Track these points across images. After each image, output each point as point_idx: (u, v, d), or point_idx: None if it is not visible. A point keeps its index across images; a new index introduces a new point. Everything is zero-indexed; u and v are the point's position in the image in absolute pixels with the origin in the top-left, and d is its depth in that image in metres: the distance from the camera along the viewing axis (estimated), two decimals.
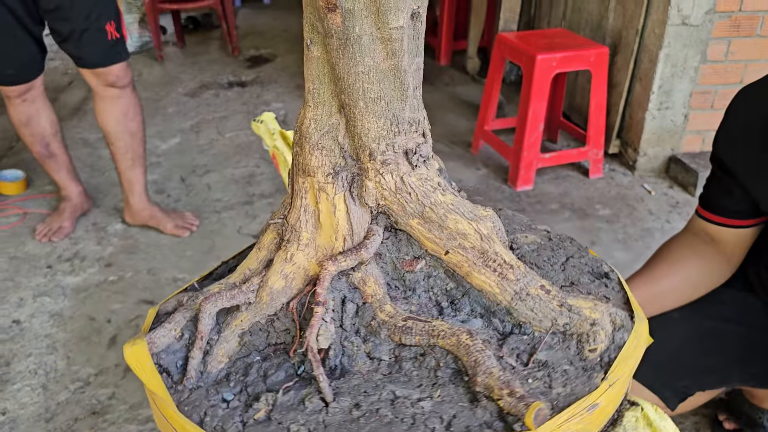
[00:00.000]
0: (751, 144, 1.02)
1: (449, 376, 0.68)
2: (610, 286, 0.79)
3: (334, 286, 0.73)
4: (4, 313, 1.80)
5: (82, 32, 1.83)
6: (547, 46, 2.29)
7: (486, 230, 0.73)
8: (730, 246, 1.12)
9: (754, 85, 1.06)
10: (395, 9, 0.64)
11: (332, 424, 0.63)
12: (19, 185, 2.43)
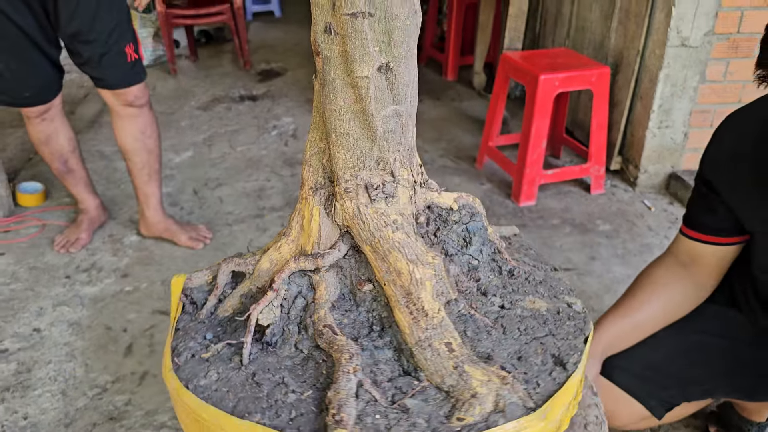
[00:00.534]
0: (738, 166, 1.08)
1: (326, 384, 0.77)
2: (555, 375, 0.78)
3: (293, 279, 0.86)
4: (25, 322, 1.88)
5: (102, 55, 1.91)
6: (550, 66, 2.36)
7: (420, 275, 0.79)
8: (710, 265, 1.18)
9: (741, 111, 1.13)
10: (360, 61, 0.74)
11: (232, 380, 0.78)
12: (38, 197, 2.51)
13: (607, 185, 2.61)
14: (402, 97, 0.79)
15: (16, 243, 2.26)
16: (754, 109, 1.11)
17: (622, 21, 2.53)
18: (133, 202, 2.48)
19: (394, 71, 0.76)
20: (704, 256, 1.17)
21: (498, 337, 0.82)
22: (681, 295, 1.19)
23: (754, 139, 1.07)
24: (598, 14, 2.71)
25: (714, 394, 1.28)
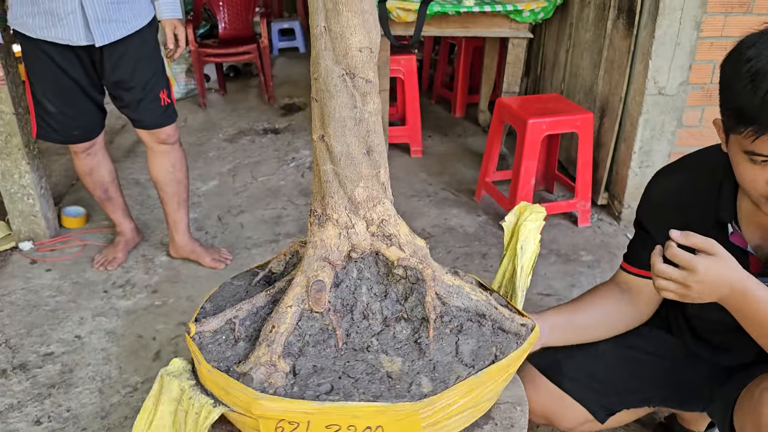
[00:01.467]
0: (666, 212, 1.30)
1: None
2: None
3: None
4: (69, 330, 2.16)
5: (140, 101, 2.21)
6: (539, 111, 2.62)
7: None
8: (647, 296, 1.37)
9: (668, 168, 1.36)
10: (311, 129, 1.11)
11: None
12: (81, 220, 2.82)
13: (594, 219, 2.84)
14: (336, 161, 1.06)
15: (60, 260, 2.56)
16: (678, 166, 1.35)
17: (608, 70, 2.78)
18: (163, 226, 2.77)
19: (327, 142, 1.04)
20: (641, 288, 1.37)
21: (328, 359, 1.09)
22: (619, 312, 1.39)
23: (677, 190, 1.30)
24: (588, 62, 2.96)
25: (650, 403, 1.49)
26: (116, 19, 2.08)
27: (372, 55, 1.05)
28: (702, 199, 1.23)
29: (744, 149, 1.01)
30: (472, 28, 2.99)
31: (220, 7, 4.58)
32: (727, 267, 1.06)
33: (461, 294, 1.15)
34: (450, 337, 1.11)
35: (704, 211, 1.23)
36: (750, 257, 1.20)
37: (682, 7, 2.41)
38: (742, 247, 1.19)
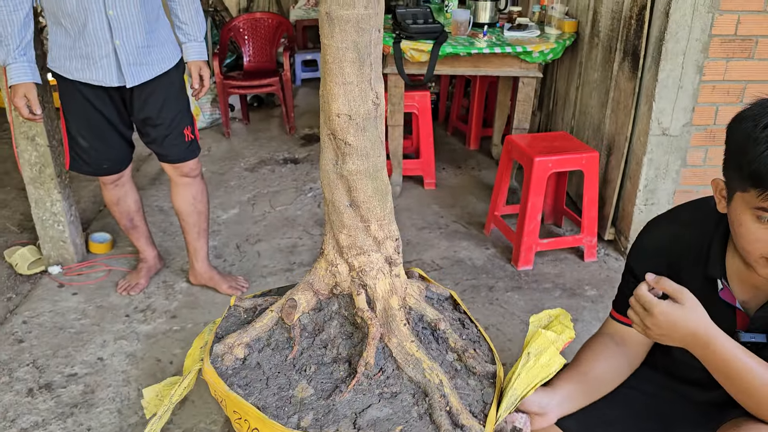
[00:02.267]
0: (659, 260, 1.34)
1: None
2: None
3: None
4: (92, 351, 2.29)
5: (165, 137, 2.35)
6: (546, 149, 2.71)
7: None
8: (637, 344, 1.42)
9: (660, 219, 1.41)
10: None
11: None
12: (107, 246, 2.97)
13: (600, 254, 2.90)
14: (325, 205, 1.19)
15: (86, 285, 2.70)
16: (669, 218, 1.40)
17: (614, 110, 2.87)
18: (184, 253, 2.90)
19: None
20: (631, 336, 1.42)
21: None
22: (621, 366, 1.43)
23: (668, 243, 1.35)
24: (596, 101, 3.05)
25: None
26: (146, 62, 2.23)
27: (351, 121, 1.16)
28: (692, 254, 1.29)
29: (752, 206, 1.07)
30: (484, 67, 3.10)
31: (245, 40, 4.77)
32: (690, 316, 1.13)
33: (417, 366, 1.24)
34: (370, 397, 1.22)
35: (694, 265, 1.29)
36: (737, 313, 1.26)
37: (684, 52, 2.49)
38: (731, 303, 1.26)
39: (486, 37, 3.13)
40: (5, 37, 2.14)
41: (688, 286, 1.20)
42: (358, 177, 1.22)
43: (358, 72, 1.20)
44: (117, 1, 2.11)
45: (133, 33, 2.17)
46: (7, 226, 3.30)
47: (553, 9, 3.32)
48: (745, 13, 2.45)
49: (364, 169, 1.23)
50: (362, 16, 1.29)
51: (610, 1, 2.89)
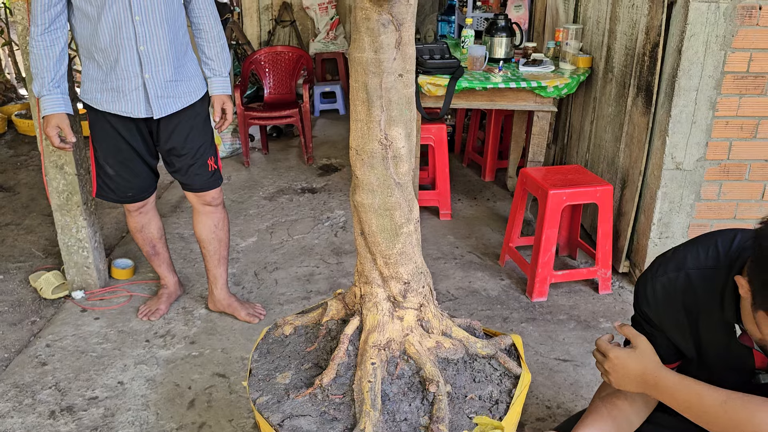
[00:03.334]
0: (672, 306, 1.34)
1: None
2: None
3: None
4: (113, 376, 2.34)
5: (190, 166, 2.43)
6: (560, 182, 2.75)
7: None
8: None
9: (667, 264, 1.37)
10: None
11: None
12: (129, 272, 3.04)
13: (615, 286, 2.91)
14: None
15: (108, 309, 2.76)
16: (675, 263, 1.37)
17: (628, 144, 2.91)
18: (203, 279, 2.96)
19: None
20: None
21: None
22: (635, 414, 1.42)
23: (681, 289, 1.32)
24: (611, 136, 3.10)
25: None
26: (173, 95, 2.32)
27: (358, 156, 1.28)
28: (706, 301, 1.29)
29: None
30: (499, 101, 3.17)
31: (266, 72, 4.90)
32: (639, 359, 1.19)
33: (360, 405, 1.39)
34: (312, 409, 1.39)
35: (710, 311, 1.29)
36: (755, 354, 1.27)
37: (697, 89, 2.54)
38: (749, 345, 1.27)
39: (501, 72, 3.20)
40: (41, 70, 2.24)
41: (706, 331, 1.21)
42: (363, 209, 1.29)
43: (367, 112, 1.27)
44: (148, 38, 2.21)
45: (162, 67, 2.27)
46: (32, 251, 3.39)
47: (567, 45, 3.39)
48: (757, 51, 2.49)
49: (369, 203, 1.29)
50: (371, 60, 1.36)
51: (623, 38, 2.95)
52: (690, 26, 2.45)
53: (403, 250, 1.49)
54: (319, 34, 6.63)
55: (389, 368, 1.50)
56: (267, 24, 6.82)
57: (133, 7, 2.16)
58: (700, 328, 1.23)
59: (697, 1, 2.42)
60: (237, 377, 2.31)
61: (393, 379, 1.47)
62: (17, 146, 5.33)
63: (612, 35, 3.08)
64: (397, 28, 1.32)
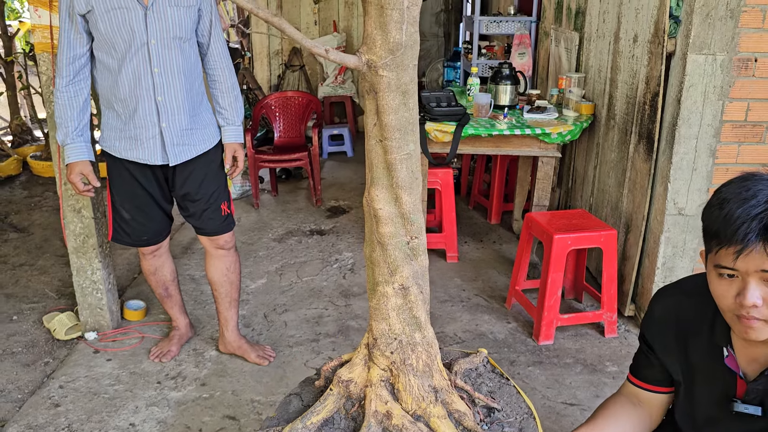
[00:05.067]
0: (667, 329, 1.42)
1: None
2: None
3: None
4: (124, 417, 2.37)
5: (203, 211, 2.50)
6: (565, 226, 2.81)
7: None
8: (653, 406, 1.51)
9: (668, 287, 1.51)
10: None
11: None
12: (141, 313, 3.09)
13: (621, 329, 2.94)
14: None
15: (121, 351, 2.80)
16: (677, 290, 1.50)
17: (631, 189, 2.97)
18: (214, 321, 3.01)
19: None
20: (647, 399, 1.51)
21: None
22: (636, 427, 1.53)
23: (676, 312, 1.45)
24: (614, 181, 3.17)
25: None
26: (188, 143, 2.41)
27: None
28: (698, 323, 1.36)
29: (713, 264, 1.17)
30: (504, 147, 3.25)
31: (276, 116, 5.02)
32: None
33: None
34: None
35: (700, 334, 1.36)
36: (738, 381, 1.33)
37: (697, 137, 2.62)
38: (735, 370, 1.32)
39: (506, 118, 3.29)
40: (65, 120, 2.33)
41: (695, 353, 1.26)
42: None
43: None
44: (165, 89, 2.31)
45: (178, 117, 2.36)
46: (45, 292, 3.45)
47: (570, 92, 3.49)
48: (754, 101, 2.57)
49: (365, 252, 1.38)
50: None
51: (624, 87, 3.04)
52: (688, 77, 2.54)
53: (377, 306, 1.55)
54: (327, 79, 6.80)
55: (346, 404, 1.58)
56: (277, 68, 7.00)
57: (152, 59, 2.26)
58: (690, 353, 1.27)
59: (694, 54, 2.52)
60: (247, 420, 2.34)
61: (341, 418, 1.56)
62: (32, 187, 5.44)
63: (613, 84, 3.18)
64: (373, 96, 1.40)
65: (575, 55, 3.73)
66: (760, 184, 1.14)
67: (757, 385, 1.27)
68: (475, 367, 1.79)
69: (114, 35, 2.23)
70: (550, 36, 4.27)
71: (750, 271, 1.11)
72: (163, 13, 2.24)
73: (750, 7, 2.45)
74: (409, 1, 1.31)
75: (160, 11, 2.24)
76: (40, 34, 2.56)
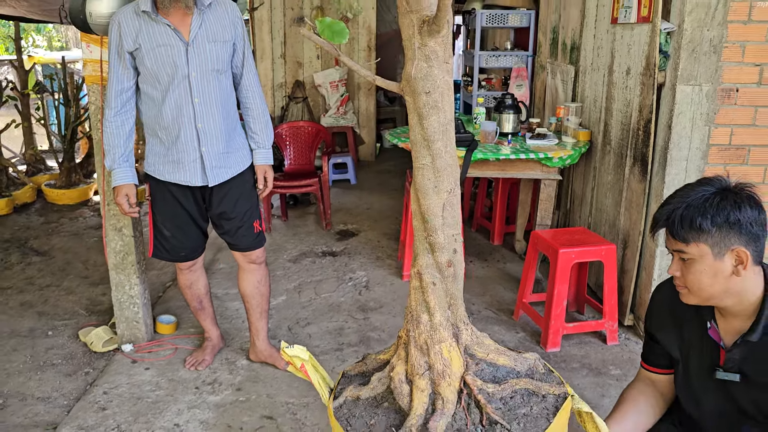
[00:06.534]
0: (663, 315, 1.69)
1: None
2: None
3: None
4: (169, 418, 2.55)
5: (238, 228, 2.71)
6: (569, 242, 3.06)
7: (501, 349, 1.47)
8: (664, 386, 1.75)
9: (665, 281, 1.75)
10: None
11: None
12: (172, 327, 3.28)
13: (621, 337, 3.18)
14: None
15: (157, 361, 2.99)
16: (671, 279, 1.74)
17: (628, 208, 3.24)
18: (242, 334, 3.21)
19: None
20: (659, 380, 1.76)
21: None
22: (652, 406, 1.73)
23: (672, 300, 1.68)
24: (611, 201, 3.44)
25: None
26: (225, 165, 2.63)
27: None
28: (689, 306, 1.61)
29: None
30: (510, 170, 3.52)
31: (286, 145, 5.28)
32: None
33: None
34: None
35: (691, 313, 1.62)
36: (721, 352, 1.57)
37: (686, 159, 2.89)
38: (717, 341, 1.57)
39: (510, 144, 3.56)
40: (113, 147, 2.56)
41: (687, 331, 1.54)
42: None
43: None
44: (204, 116, 2.54)
45: (216, 141, 2.59)
46: (76, 310, 3.64)
47: (568, 120, 3.77)
48: (737, 126, 2.86)
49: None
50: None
51: (619, 115, 3.33)
52: (677, 106, 2.83)
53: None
54: (329, 110, 7.09)
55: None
56: (281, 100, 7.29)
57: (193, 91, 2.50)
58: (684, 331, 1.54)
59: (682, 84, 2.81)
60: (284, 419, 2.53)
61: None
62: (47, 214, 5.63)
63: (608, 112, 3.47)
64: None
65: (571, 86, 4.04)
66: (700, 188, 1.47)
67: (734, 354, 1.52)
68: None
69: (159, 69, 2.47)
70: (546, 69, 4.58)
71: (671, 249, 1.51)
72: (202, 48, 2.49)
73: (731, 42, 2.75)
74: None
75: (200, 47, 2.48)
76: (91, 68, 2.81)
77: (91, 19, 2.60)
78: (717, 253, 1.43)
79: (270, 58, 7.19)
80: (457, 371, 1.54)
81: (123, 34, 2.44)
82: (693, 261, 1.45)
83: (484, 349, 1.59)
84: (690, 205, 1.44)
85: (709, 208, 1.43)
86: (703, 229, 1.42)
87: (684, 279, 1.49)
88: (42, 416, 2.62)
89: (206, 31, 2.48)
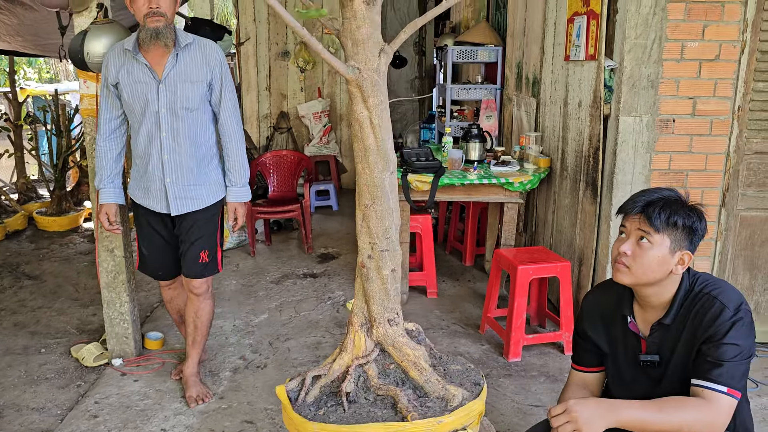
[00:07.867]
0: (593, 316, 1.92)
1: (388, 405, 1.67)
2: (475, 390, 1.73)
3: (356, 369, 1.74)
4: (156, 424, 2.75)
5: (185, 252, 2.82)
6: (527, 259, 3.33)
7: (418, 354, 1.72)
8: (595, 386, 1.97)
9: (599, 286, 2.02)
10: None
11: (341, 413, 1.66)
12: (159, 343, 3.49)
13: None
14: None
15: (145, 374, 3.20)
16: (601, 286, 2.01)
17: (582, 228, 3.52)
18: (225, 349, 3.42)
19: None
20: (590, 380, 1.97)
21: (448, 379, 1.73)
22: None
23: (600, 302, 1.93)
24: (568, 222, 3.72)
25: None
26: (191, 197, 2.75)
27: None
28: (614, 305, 1.87)
29: (618, 228, 1.75)
30: (475, 195, 3.80)
31: (270, 173, 5.54)
32: (589, 402, 1.63)
33: None
34: None
35: (615, 312, 1.87)
36: (641, 341, 1.82)
37: (631, 183, 3.19)
38: (636, 332, 1.82)
39: (476, 171, 3.85)
40: (100, 168, 2.81)
41: (613, 328, 1.78)
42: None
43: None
44: (171, 150, 2.68)
45: (182, 174, 2.70)
46: (67, 329, 3.83)
47: (530, 148, 4.07)
48: (675, 153, 3.16)
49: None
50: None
51: (573, 143, 3.63)
52: (621, 135, 3.13)
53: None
54: (313, 140, 7.38)
55: None
56: (266, 130, 7.58)
57: (161, 125, 2.67)
58: (611, 329, 1.78)
59: (625, 116, 3.11)
60: (263, 423, 2.74)
61: None
62: (38, 240, 5.83)
63: (564, 141, 3.78)
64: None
65: (534, 117, 4.35)
66: (661, 191, 1.74)
67: (653, 339, 1.77)
68: None
69: (133, 102, 2.68)
70: (512, 101, 4.90)
71: (632, 229, 1.70)
72: (173, 86, 2.64)
73: (666, 78, 3.07)
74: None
75: (171, 85, 2.64)
76: (87, 102, 3.07)
77: (89, 58, 2.86)
78: (672, 248, 1.67)
79: (256, 90, 7.49)
80: (357, 353, 1.80)
81: (109, 67, 2.69)
82: (651, 246, 1.66)
83: (401, 355, 1.81)
84: (667, 201, 1.67)
85: (681, 210, 1.67)
86: (675, 225, 1.66)
87: (632, 258, 1.68)
88: (37, 424, 2.81)
89: (179, 70, 2.63)
